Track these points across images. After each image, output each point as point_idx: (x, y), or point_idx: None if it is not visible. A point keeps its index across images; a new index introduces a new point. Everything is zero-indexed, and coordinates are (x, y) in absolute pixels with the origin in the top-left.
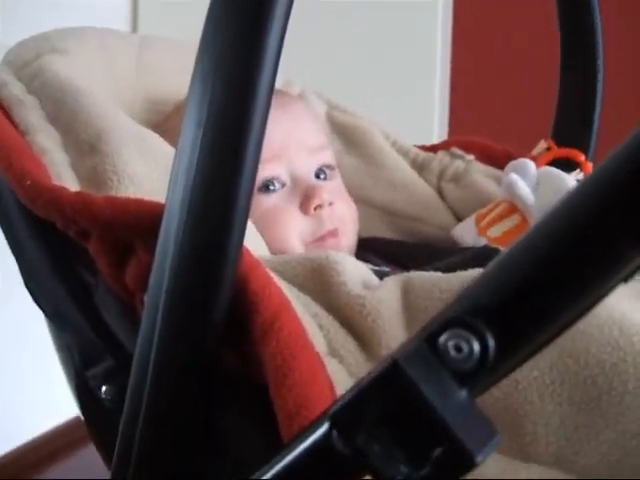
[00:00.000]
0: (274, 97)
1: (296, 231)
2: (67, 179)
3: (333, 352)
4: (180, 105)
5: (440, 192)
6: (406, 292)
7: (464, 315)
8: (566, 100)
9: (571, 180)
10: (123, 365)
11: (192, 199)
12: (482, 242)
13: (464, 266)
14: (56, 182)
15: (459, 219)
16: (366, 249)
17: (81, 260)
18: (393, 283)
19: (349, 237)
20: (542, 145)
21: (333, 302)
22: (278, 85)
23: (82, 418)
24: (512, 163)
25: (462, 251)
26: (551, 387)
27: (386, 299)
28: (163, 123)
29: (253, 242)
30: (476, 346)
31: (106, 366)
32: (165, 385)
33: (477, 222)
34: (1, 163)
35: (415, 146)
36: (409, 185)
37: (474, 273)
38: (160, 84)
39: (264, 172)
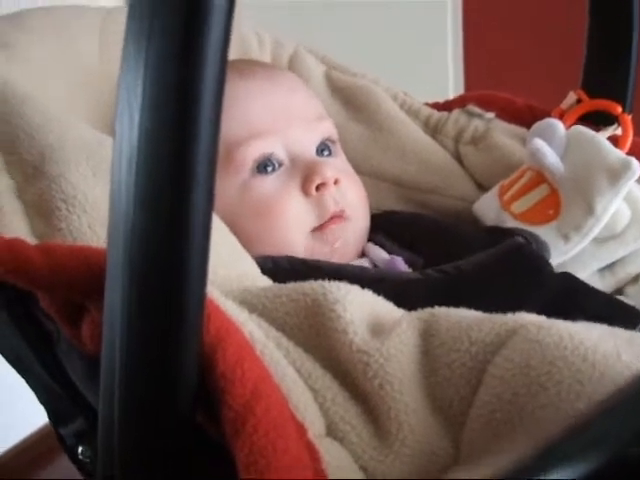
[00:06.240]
0: (259, 70)
1: (296, 219)
2: (9, 211)
3: (332, 428)
4: None
5: (459, 157)
6: (427, 337)
7: None
8: (596, 44)
9: (605, 141)
10: (95, 426)
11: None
12: (505, 218)
13: (489, 268)
14: None
15: (481, 187)
16: (378, 228)
17: (39, 306)
18: (410, 325)
19: (359, 221)
20: (572, 97)
21: (332, 353)
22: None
23: None
24: (537, 125)
25: (485, 239)
26: None
27: (398, 353)
28: None
29: (223, 249)
30: None
31: (78, 426)
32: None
33: (500, 194)
34: None
35: (427, 104)
36: (422, 152)
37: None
38: None
39: (257, 149)
